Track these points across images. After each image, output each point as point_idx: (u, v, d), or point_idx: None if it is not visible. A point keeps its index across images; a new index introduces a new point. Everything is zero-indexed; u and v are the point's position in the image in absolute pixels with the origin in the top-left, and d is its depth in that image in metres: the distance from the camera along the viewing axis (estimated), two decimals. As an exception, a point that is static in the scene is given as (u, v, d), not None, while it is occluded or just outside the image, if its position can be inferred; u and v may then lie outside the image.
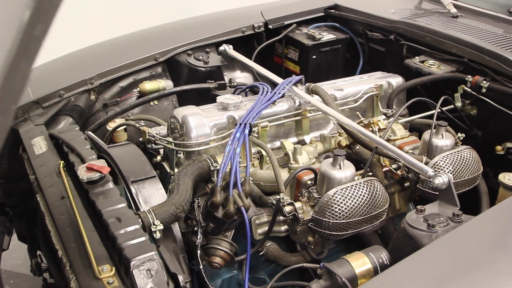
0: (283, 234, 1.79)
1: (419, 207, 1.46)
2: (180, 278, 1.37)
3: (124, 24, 3.01)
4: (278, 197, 1.64)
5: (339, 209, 1.56)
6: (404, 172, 1.88)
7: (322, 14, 2.87)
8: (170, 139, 1.85)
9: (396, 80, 2.26)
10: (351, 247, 1.72)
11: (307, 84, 2.03)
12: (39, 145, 1.89)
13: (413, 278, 1.15)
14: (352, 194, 1.58)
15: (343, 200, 1.57)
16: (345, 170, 1.65)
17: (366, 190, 1.60)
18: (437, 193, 1.59)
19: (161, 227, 1.46)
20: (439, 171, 1.53)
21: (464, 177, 1.79)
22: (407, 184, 1.94)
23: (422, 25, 2.38)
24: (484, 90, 2.10)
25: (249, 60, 2.34)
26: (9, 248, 2.63)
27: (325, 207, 1.57)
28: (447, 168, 1.76)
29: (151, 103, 2.42)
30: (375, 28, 2.61)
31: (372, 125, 1.95)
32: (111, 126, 2.21)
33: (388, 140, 2.03)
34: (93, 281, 1.30)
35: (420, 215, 1.44)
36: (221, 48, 2.48)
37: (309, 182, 1.72)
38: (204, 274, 1.52)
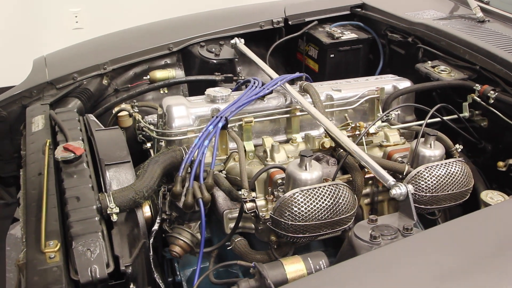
0: (253, 231, 1.78)
1: (371, 216, 1.40)
2: (121, 261, 1.41)
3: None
4: (240, 192, 1.63)
5: (297, 211, 1.52)
6: (388, 180, 1.79)
7: (348, 12, 2.79)
8: (152, 127, 1.89)
9: (404, 84, 2.15)
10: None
11: (300, 82, 1.99)
12: (37, 123, 2.00)
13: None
14: (313, 196, 1.53)
15: (302, 201, 1.52)
16: (312, 172, 1.60)
17: (329, 194, 1.54)
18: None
19: (117, 210, 1.50)
20: (397, 182, 1.45)
21: (448, 191, 1.68)
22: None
23: (439, 28, 2.24)
24: (491, 101, 1.95)
25: (255, 55, 2.33)
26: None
27: (283, 207, 1.54)
28: (429, 180, 1.66)
29: (161, 91, 2.48)
30: (396, 30, 2.50)
31: (358, 129, 1.88)
32: (116, 110, 2.29)
33: (380, 146, 1.96)
34: (38, 254, 1.37)
35: (370, 225, 1.38)
36: (232, 41, 2.48)
37: (279, 181, 1.69)
38: (152, 261, 1.54)
